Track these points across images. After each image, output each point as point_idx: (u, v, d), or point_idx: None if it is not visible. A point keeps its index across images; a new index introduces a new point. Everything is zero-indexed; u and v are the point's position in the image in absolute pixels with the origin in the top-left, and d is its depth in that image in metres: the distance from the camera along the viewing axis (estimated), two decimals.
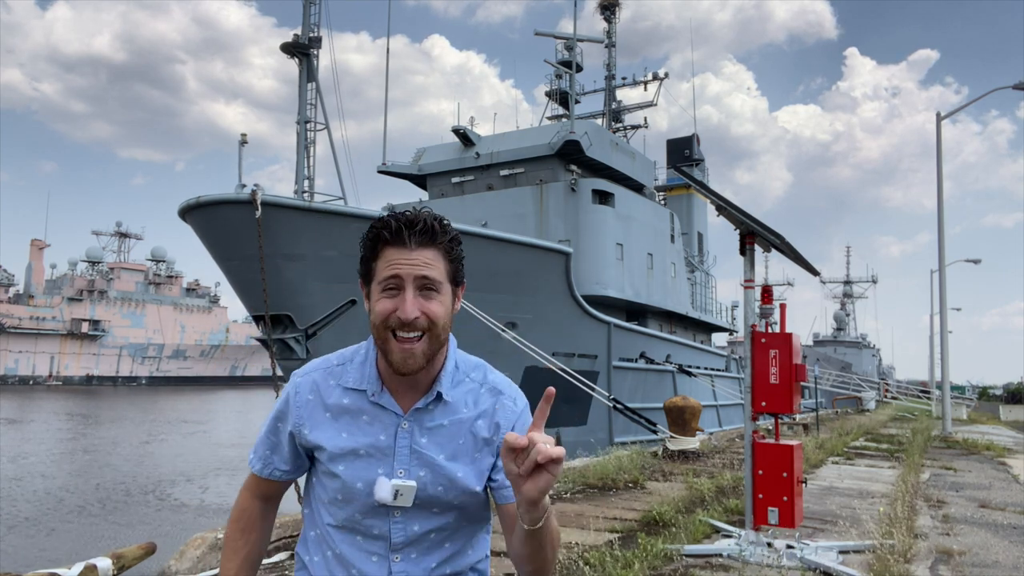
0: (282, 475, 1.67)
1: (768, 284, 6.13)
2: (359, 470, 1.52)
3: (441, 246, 1.51)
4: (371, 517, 1.53)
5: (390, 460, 1.52)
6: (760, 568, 5.26)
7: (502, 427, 1.57)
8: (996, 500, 8.91)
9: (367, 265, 1.55)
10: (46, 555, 12.73)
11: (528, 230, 19.83)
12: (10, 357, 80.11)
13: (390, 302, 1.48)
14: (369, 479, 1.51)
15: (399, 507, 1.52)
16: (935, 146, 20.08)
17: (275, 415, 1.65)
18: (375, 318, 1.50)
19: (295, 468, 1.66)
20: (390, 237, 1.49)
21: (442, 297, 1.51)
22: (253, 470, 1.68)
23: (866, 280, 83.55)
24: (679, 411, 12.24)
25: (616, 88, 32.96)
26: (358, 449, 1.53)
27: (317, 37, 17.23)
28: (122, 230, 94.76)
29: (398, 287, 1.48)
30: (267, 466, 1.66)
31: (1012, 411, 36.69)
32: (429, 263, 1.48)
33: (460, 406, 1.57)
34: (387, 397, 1.55)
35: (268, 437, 1.66)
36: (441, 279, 1.50)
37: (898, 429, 21.00)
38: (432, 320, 1.48)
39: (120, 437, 32.26)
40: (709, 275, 31.45)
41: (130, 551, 5.22)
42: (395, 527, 1.53)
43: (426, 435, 1.54)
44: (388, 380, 1.56)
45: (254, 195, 13.06)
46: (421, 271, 1.47)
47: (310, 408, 1.58)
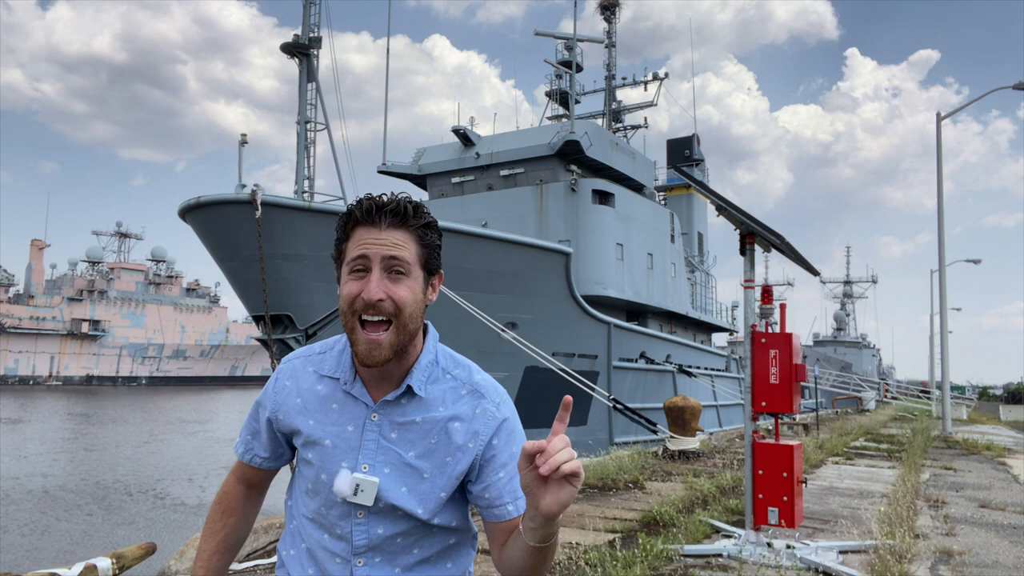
0: (261, 463, 1.63)
1: (768, 284, 6.13)
2: (325, 461, 1.46)
3: (413, 229, 1.43)
4: (334, 514, 1.46)
5: (355, 453, 1.45)
6: (760, 568, 5.26)
7: (480, 435, 1.47)
8: (996, 500, 8.91)
9: (339, 248, 1.47)
10: (46, 555, 12.74)
11: (528, 230, 19.83)
12: (10, 357, 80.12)
13: (356, 284, 1.41)
14: (333, 471, 1.45)
15: (361, 506, 1.44)
16: (935, 146, 20.10)
17: (257, 401, 1.62)
18: (341, 302, 1.43)
19: (275, 457, 1.63)
20: (361, 217, 1.42)
21: (411, 282, 1.42)
22: (236, 454, 1.66)
23: (866, 280, 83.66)
24: (679, 411, 12.24)
25: (616, 88, 32.96)
26: (323, 439, 1.47)
27: (317, 37, 17.24)
28: (122, 230, 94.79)
29: (365, 268, 1.41)
30: (248, 451, 1.63)
31: (1012, 411, 36.68)
32: (398, 244, 1.41)
33: (436, 403, 1.48)
34: (359, 387, 1.48)
35: (250, 423, 1.63)
36: (411, 261, 1.42)
37: (898, 429, 21.00)
38: (398, 305, 1.40)
39: (120, 437, 32.27)
40: (709, 275, 31.46)
41: (130, 551, 5.22)
42: (357, 528, 1.45)
43: (396, 430, 1.46)
44: (363, 370, 1.48)
45: (254, 195, 13.06)
46: (389, 251, 1.40)
47: (286, 394, 1.54)
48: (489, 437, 1.47)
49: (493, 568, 5.33)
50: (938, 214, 20.35)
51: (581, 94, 30.55)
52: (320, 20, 17.23)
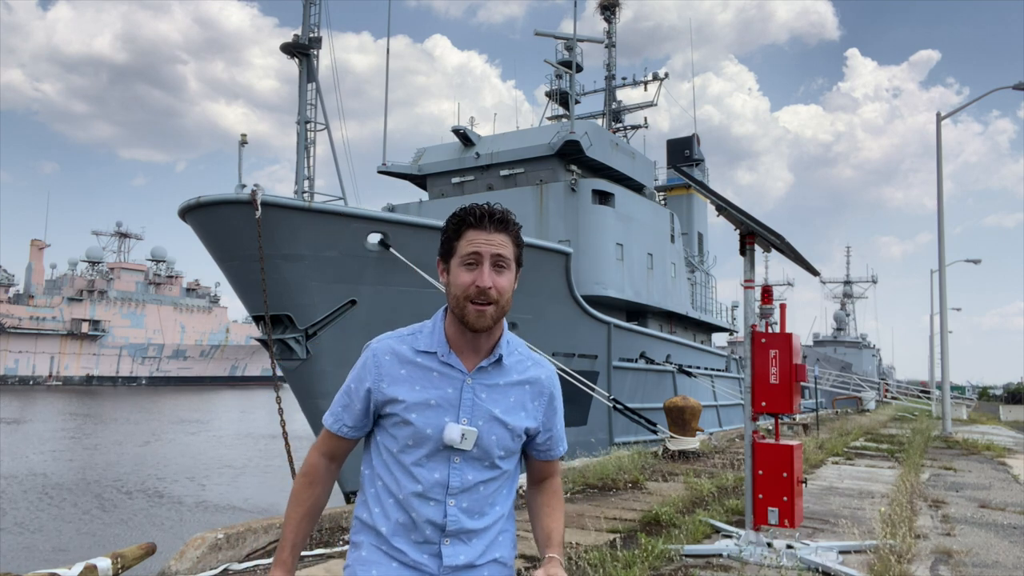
0: (348, 432, 1.90)
1: (768, 284, 6.13)
2: (430, 418, 1.79)
3: (512, 232, 1.84)
4: (435, 460, 1.80)
5: (456, 410, 1.80)
6: (760, 568, 5.26)
7: (544, 395, 1.94)
8: (996, 500, 8.91)
9: (448, 245, 1.85)
10: (46, 555, 12.74)
11: (528, 230, 19.81)
12: (10, 357, 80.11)
13: (469, 275, 1.79)
14: (438, 425, 1.79)
15: (460, 451, 1.79)
16: (935, 146, 20.09)
17: (352, 378, 1.90)
18: (456, 289, 1.80)
19: (359, 427, 1.90)
20: (474, 221, 1.81)
21: (509, 274, 1.83)
22: (325, 425, 1.92)
23: (866, 280, 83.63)
24: (679, 411, 12.24)
25: (616, 88, 32.94)
26: (429, 400, 1.80)
27: (317, 37, 17.21)
28: (122, 230, 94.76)
29: (477, 262, 1.79)
30: (337, 421, 1.90)
31: (1012, 411, 36.69)
32: (503, 244, 1.81)
33: (512, 371, 1.89)
34: (454, 358, 1.84)
35: (343, 397, 1.91)
36: (510, 258, 1.83)
37: (898, 429, 21.00)
38: (500, 292, 1.80)
39: (120, 437, 32.26)
40: (709, 275, 31.43)
41: (130, 551, 5.23)
42: (454, 472, 1.80)
43: (486, 391, 1.84)
44: (454, 344, 1.85)
45: (254, 195, 13.03)
46: (496, 250, 1.80)
47: (388, 366, 1.84)
48: (551, 397, 1.96)
49: None
50: (938, 214, 20.35)
51: (581, 94, 30.52)
52: (320, 20, 17.19)
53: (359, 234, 14.09)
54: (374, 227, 14.09)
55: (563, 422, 2.03)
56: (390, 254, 13.68)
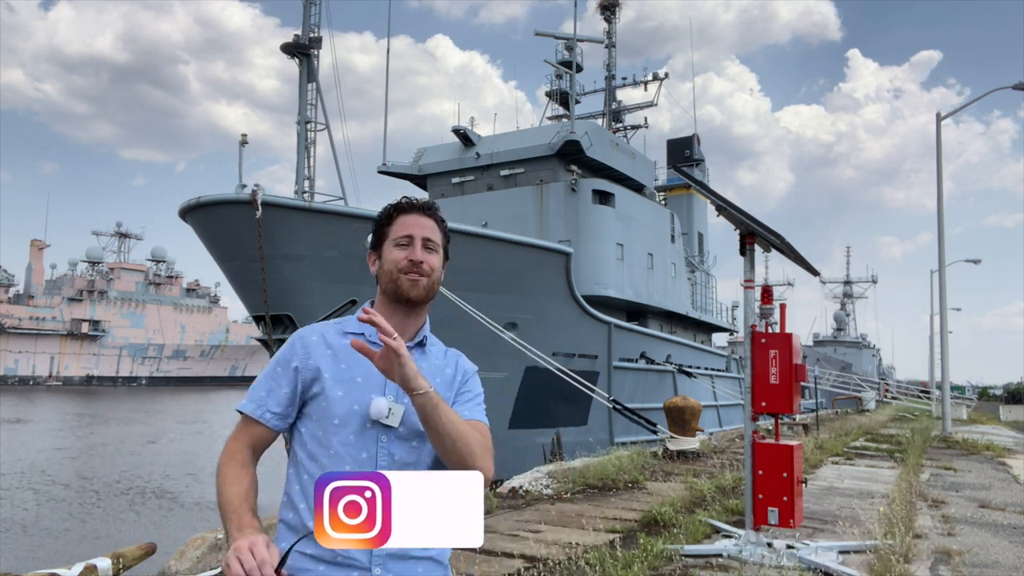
0: (271, 418, 1.84)
1: (768, 284, 6.14)
2: (356, 393, 1.80)
3: (438, 220, 1.96)
4: (363, 439, 1.78)
5: (382, 387, 1.81)
6: (760, 568, 5.26)
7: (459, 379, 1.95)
8: (996, 500, 8.91)
9: (380, 231, 1.95)
10: (46, 555, 12.74)
11: (528, 230, 19.81)
12: (10, 357, 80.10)
13: (402, 252, 1.88)
14: (364, 400, 1.79)
15: (387, 429, 1.78)
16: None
17: (276, 361, 1.89)
18: (388, 264, 1.89)
19: (284, 415, 1.85)
20: (405, 207, 1.94)
21: (438, 257, 1.92)
22: (245, 411, 1.85)
23: (866, 280, 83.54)
24: (679, 411, 12.25)
25: (616, 88, 32.94)
26: (355, 376, 1.81)
27: (317, 37, 17.21)
28: (122, 230, 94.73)
29: (409, 243, 1.88)
30: (259, 407, 1.84)
31: (1012, 411, 36.68)
32: (432, 228, 1.92)
33: (433, 358, 1.94)
34: None
35: (266, 381, 1.87)
36: (439, 243, 1.93)
37: (898, 429, 21.00)
38: (431, 267, 1.89)
39: (122, 436, 32.27)
40: (709, 275, 31.43)
41: (130, 551, 5.23)
42: (381, 450, 1.78)
43: None
44: None
45: (254, 195, 13.04)
46: (426, 233, 1.90)
47: (315, 346, 1.86)
48: (467, 379, 1.97)
49: (493, 568, 5.33)
50: (938, 214, 20.36)
51: (581, 94, 30.51)
52: (320, 20, 17.20)
53: (359, 234, 14.05)
54: None
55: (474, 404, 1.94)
56: None
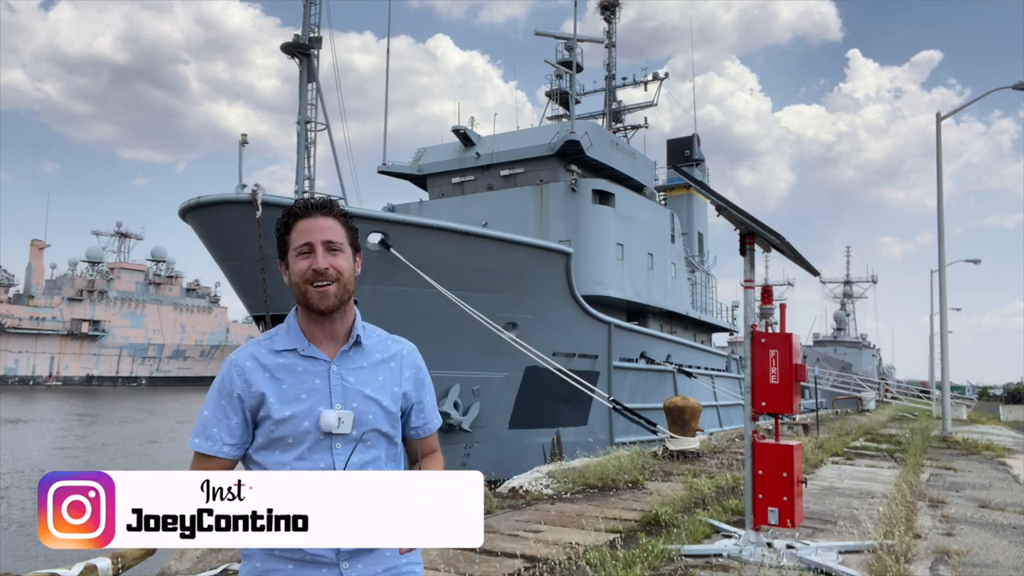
0: (229, 451, 1.82)
1: (768, 284, 6.13)
2: (304, 410, 1.79)
3: (338, 217, 1.90)
4: (317, 452, 1.79)
5: (327, 398, 1.81)
6: (760, 568, 5.26)
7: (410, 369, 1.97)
8: (996, 500, 8.91)
9: (283, 241, 1.89)
10: (46, 555, 12.74)
11: (528, 230, 19.81)
12: (10, 357, 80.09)
13: (305, 261, 1.84)
14: (313, 415, 1.79)
15: (341, 435, 1.79)
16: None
17: (216, 393, 1.85)
18: (295, 276, 1.85)
19: (240, 444, 1.84)
20: (300, 211, 1.87)
21: (345, 256, 1.88)
22: (199, 450, 1.81)
23: (866, 280, 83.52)
24: (679, 411, 12.24)
25: (616, 88, 32.95)
26: (300, 394, 1.81)
27: (318, 37, 17.23)
28: (122, 230, 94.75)
29: (311, 250, 1.83)
30: (215, 443, 1.81)
31: (1012, 411, 36.68)
32: (331, 229, 1.87)
33: (374, 351, 1.93)
34: (314, 349, 1.86)
35: (213, 415, 1.83)
36: (342, 241, 1.88)
37: (898, 429, 21.00)
38: (339, 271, 1.85)
39: (122, 436, 32.27)
40: (709, 275, 31.43)
41: (130, 551, 5.22)
42: (338, 457, 1.79)
43: (352, 374, 1.86)
44: (311, 337, 1.88)
45: (254, 195, 13.04)
46: (326, 236, 1.85)
47: (251, 371, 1.83)
48: (417, 368, 1.99)
49: (493, 568, 5.33)
50: (938, 214, 20.36)
51: (581, 94, 30.52)
52: (321, 20, 17.22)
53: (359, 234, 14.10)
54: (374, 227, 14.10)
55: (433, 396, 2.05)
56: (390, 254, 13.69)
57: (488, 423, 16.46)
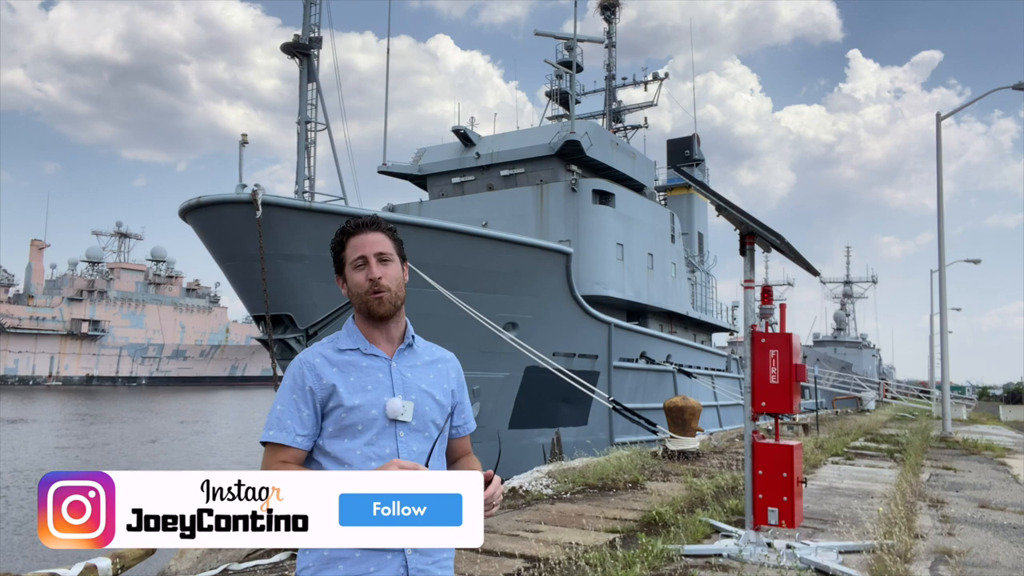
0: (301, 441, 1.95)
1: (768, 284, 6.14)
2: (371, 400, 1.97)
3: (385, 231, 2.11)
4: (384, 438, 1.96)
5: (390, 389, 2.01)
6: (760, 568, 5.27)
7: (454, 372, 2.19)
8: (996, 500, 8.91)
9: (339, 258, 2.10)
10: (46, 555, 12.74)
11: (528, 230, 19.81)
12: (10, 357, 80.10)
13: (361, 273, 2.05)
14: (380, 404, 1.97)
15: (403, 425, 1.97)
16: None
17: (287, 389, 2.01)
18: (354, 287, 2.05)
19: (311, 435, 1.98)
20: (352, 230, 2.09)
21: (395, 265, 2.09)
22: (274, 440, 1.94)
23: (866, 280, 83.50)
24: (679, 411, 12.24)
25: (617, 88, 32.96)
26: (366, 386, 1.99)
27: (318, 37, 17.22)
28: (122, 230, 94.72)
29: (365, 262, 2.04)
30: (289, 433, 1.95)
31: (1012, 411, 36.68)
32: (381, 242, 2.08)
33: (424, 354, 2.15)
34: (375, 348, 2.07)
35: (286, 408, 1.98)
36: (391, 252, 2.09)
37: (898, 429, 21.00)
38: (391, 280, 2.05)
39: (123, 436, 32.27)
40: (709, 275, 31.43)
41: (130, 551, 5.22)
42: (402, 444, 1.96)
43: (409, 371, 2.07)
44: (370, 339, 2.08)
45: (254, 195, 13.05)
46: (377, 248, 2.06)
47: (321, 367, 2.01)
48: (458, 371, 2.21)
49: (493, 568, 5.34)
50: (938, 214, 20.35)
51: (581, 94, 30.52)
52: (321, 20, 17.21)
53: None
54: None
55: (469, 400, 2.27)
56: None
57: (488, 423, 16.46)
